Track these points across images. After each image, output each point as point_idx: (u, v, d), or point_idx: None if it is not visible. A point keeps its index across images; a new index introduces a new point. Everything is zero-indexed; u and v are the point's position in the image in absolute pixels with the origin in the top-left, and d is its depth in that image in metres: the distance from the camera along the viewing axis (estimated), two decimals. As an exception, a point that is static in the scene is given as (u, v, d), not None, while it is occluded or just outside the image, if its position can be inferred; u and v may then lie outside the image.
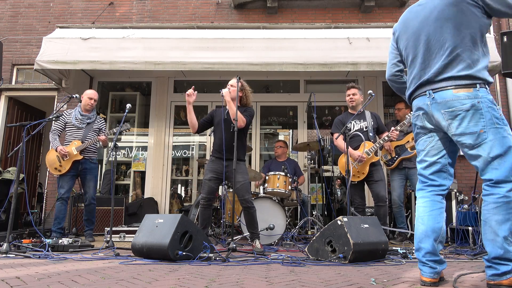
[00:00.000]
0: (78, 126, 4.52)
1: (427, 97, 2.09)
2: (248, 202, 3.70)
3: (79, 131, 4.52)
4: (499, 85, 6.31)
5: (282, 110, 7.50)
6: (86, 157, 4.50)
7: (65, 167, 4.39)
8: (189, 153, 7.46)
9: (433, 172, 2.14)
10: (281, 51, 5.22)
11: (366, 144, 4.22)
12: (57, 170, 4.42)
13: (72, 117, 4.55)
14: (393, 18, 6.61)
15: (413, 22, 2.21)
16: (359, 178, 4.26)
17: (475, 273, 2.41)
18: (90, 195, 4.52)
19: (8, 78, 6.65)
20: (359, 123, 4.38)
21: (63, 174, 4.41)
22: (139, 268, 2.62)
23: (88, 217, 4.55)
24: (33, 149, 7.32)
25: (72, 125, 4.53)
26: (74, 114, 4.56)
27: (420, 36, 2.15)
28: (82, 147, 4.41)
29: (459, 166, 6.17)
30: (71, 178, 4.46)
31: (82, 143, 4.44)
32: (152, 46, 5.35)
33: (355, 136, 4.17)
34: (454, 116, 1.98)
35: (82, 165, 4.48)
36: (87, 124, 4.56)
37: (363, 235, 2.98)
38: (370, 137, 4.33)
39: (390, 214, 5.18)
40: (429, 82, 2.09)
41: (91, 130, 4.55)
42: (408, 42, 2.22)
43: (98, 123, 4.69)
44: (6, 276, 2.29)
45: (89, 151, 4.54)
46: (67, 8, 6.93)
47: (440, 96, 2.03)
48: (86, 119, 4.57)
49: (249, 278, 2.25)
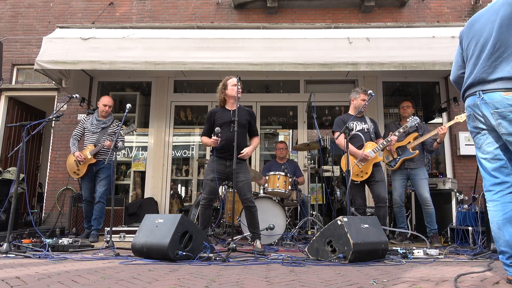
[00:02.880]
0: (93, 131, 4.78)
1: (477, 97, 2.15)
2: (250, 202, 3.71)
3: (94, 135, 4.76)
4: (499, 85, 6.30)
5: (282, 110, 7.49)
6: (100, 159, 4.69)
7: (82, 171, 4.67)
8: (189, 153, 7.46)
9: (495, 168, 2.16)
10: (281, 51, 5.21)
11: (369, 145, 4.23)
12: (76, 174, 4.72)
13: (89, 123, 4.83)
14: (393, 18, 6.62)
15: (477, 24, 2.25)
16: (362, 178, 4.23)
17: (475, 273, 2.41)
18: (99, 193, 4.64)
19: (8, 78, 6.65)
20: (361, 124, 4.38)
21: (82, 177, 4.71)
22: (139, 268, 2.62)
23: (96, 216, 4.62)
24: (33, 149, 7.32)
25: (88, 131, 4.81)
26: (91, 120, 4.85)
27: (480, 38, 2.19)
28: (95, 150, 4.63)
29: (459, 166, 6.17)
30: (89, 181, 4.73)
31: (95, 147, 4.65)
32: (152, 46, 5.34)
33: (356, 136, 4.17)
34: (503, 117, 2.04)
35: (96, 167, 4.70)
36: (102, 129, 4.79)
37: (363, 235, 2.98)
38: (372, 138, 4.35)
39: (390, 214, 5.19)
40: (480, 83, 2.15)
41: (105, 134, 4.77)
42: (469, 43, 2.27)
43: (114, 127, 4.86)
44: (6, 276, 2.29)
45: (103, 154, 4.69)
46: (67, 8, 6.93)
47: (490, 97, 2.09)
48: (101, 124, 4.81)
49: (249, 278, 2.25)
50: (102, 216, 4.72)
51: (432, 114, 6.97)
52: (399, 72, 5.59)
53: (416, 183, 4.54)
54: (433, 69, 5.07)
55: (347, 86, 6.88)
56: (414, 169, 4.55)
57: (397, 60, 5.02)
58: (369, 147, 4.22)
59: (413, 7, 6.67)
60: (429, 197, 4.43)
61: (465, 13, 6.60)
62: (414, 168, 4.55)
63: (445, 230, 4.61)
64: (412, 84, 6.95)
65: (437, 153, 6.62)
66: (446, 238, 4.56)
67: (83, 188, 4.75)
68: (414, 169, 4.55)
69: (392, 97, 6.89)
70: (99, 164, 4.71)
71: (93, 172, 4.73)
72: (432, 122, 6.92)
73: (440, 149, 6.39)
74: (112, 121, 4.91)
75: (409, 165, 4.56)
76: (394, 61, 5.02)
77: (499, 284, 2.12)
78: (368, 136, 4.29)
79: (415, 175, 4.55)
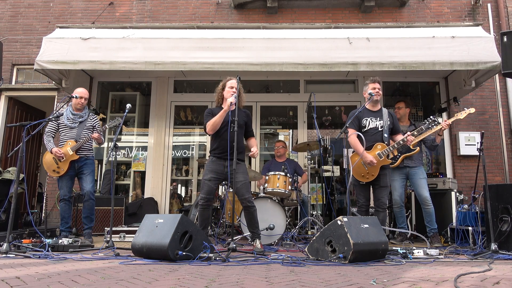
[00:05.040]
0: (70, 126, 4.46)
1: None
2: (248, 202, 3.71)
3: (72, 130, 4.45)
4: (499, 85, 6.31)
5: (282, 110, 7.49)
6: (82, 155, 4.42)
7: (63, 169, 4.36)
8: (189, 153, 7.46)
9: None
10: (281, 51, 5.22)
11: (379, 146, 4.02)
12: (56, 172, 4.39)
13: (64, 117, 4.48)
14: (393, 18, 6.62)
15: None
16: (368, 180, 4.06)
17: (475, 273, 2.41)
18: (89, 191, 4.39)
19: (8, 78, 6.64)
20: (375, 121, 4.10)
21: (62, 175, 4.38)
22: (139, 268, 2.62)
23: (87, 214, 4.40)
24: (33, 149, 7.32)
25: (64, 126, 4.47)
26: (65, 114, 4.49)
27: None
28: (76, 146, 4.35)
29: (459, 166, 6.17)
30: (70, 178, 4.43)
31: (76, 142, 4.37)
32: (152, 46, 5.34)
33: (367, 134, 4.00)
34: None
35: (78, 163, 4.42)
36: (80, 123, 4.49)
37: (363, 235, 2.98)
38: (384, 138, 4.06)
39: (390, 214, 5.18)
40: None
41: (84, 129, 4.47)
42: None
43: (91, 120, 4.58)
44: (6, 276, 2.29)
45: (85, 149, 4.46)
46: (67, 8, 6.93)
47: None
48: (78, 118, 4.49)
49: (249, 278, 2.25)
50: (93, 213, 4.47)
51: (432, 114, 6.96)
52: (399, 72, 5.59)
53: (415, 182, 4.54)
54: (433, 69, 5.07)
55: (347, 86, 6.88)
56: (413, 168, 4.54)
57: (397, 60, 5.02)
58: (378, 149, 4.01)
59: (413, 7, 6.67)
60: (428, 196, 4.43)
61: (465, 13, 6.60)
62: (413, 167, 4.54)
63: (445, 230, 4.61)
64: (412, 84, 6.95)
65: (437, 153, 6.62)
66: (446, 238, 4.56)
67: (62, 186, 4.40)
68: (413, 168, 4.55)
69: (392, 97, 6.89)
70: (81, 160, 4.42)
71: (74, 169, 4.42)
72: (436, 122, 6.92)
73: (440, 149, 6.39)
74: (89, 114, 4.61)
75: (408, 163, 4.55)
76: (394, 61, 5.02)
77: (499, 284, 2.12)
78: (379, 136, 4.06)
79: (413, 175, 4.55)
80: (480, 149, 3.85)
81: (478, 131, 5.57)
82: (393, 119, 4.20)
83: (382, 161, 4.00)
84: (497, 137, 6.21)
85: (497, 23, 6.52)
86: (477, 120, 6.25)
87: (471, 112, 4.28)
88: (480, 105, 6.25)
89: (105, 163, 6.43)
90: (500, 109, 6.23)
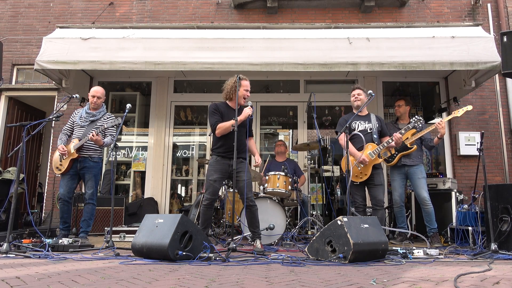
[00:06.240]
0: (81, 125, 4.39)
1: None
2: (250, 201, 3.73)
3: (82, 129, 4.37)
4: (499, 85, 6.31)
5: (282, 110, 7.49)
6: (85, 156, 4.30)
7: (64, 166, 4.26)
8: (189, 153, 7.47)
9: None
10: (281, 51, 5.22)
11: (370, 146, 4.19)
12: (58, 169, 4.31)
13: (78, 116, 4.46)
14: (393, 18, 6.62)
15: None
16: (361, 179, 4.21)
17: (475, 273, 2.41)
18: (88, 195, 4.31)
19: (8, 78, 6.65)
20: (363, 123, 4.34)
21: (63, 173, 4.30)
22: (139, 268, 2.62)
23: (85, 218, 4.30)
24: (33, 149, 7.32)
25: (76, 124, 4.43)
26: (80, 113, 4.47)
27: None
28: (78, 145, 4.23)
29: (459, 166, 6.17)
30: (70, 178, 4.31)
31: (80, 141, 4.28)
32: (152, 46, 5.34)
33: (357, 137, 4.13)
34: None
35: (80, 164, 4.30)
36: (91, 122, 4.39)
37: (363, 235, 2.98)
38: (374, 139, 4.26)
39: (390, 214, 5.18)
40: None
41: (94, 128, 4.29)
42: None
43: (104, 120, 4.43)
44: (6, 276, 2.29)
45: (89, 149, 4.32)
46: (67, 8, 6.93)
47: None
48: (90, 117, 4.41)
49: (249, 278, 2.25)
50: (92, 218, 4.33)
51: (432, 114, 6.97)
52: (399, 72, 5.60)
53: (414, 182, 4.54)
54: (433, 69, 5.07)
55: (347, 86, 6.86)
56: (411, 166, 4.54)
57: (397, 60, 5.02)
58: (369, 149, 4.18)
59: (413, 7, 6.67)
60: (427, 196, 4.43)
61: (465, 13, 6.60)
62: (411, 166, 4.54)
63: (445, 230, 4.61)
64: (412, 84, 6.95)
65: (437, 153, 6.62)
66: (446, 238, 4.56)
67: (62, 185, 4.28)
68: (412, 167, 4.54)
69: (392, 97, 6.89)
70: (83, 161, 4.30)
71: (76, 170, 4.30)
72: (432, 122, 6.91)
73: (440, 149, 6.39)
74: (104, 114, 4.48)
75: (406, 162, 4.55)
76: (394, 61, 5.02)
77: (499, 284, 2.12)
78: (369, 137, 4.23)
79: (412, 174, 4.55)
80: (480, 149, 3.85)
81: (478, 131, 5.56)
82: (381, 122, 4.46)
83: (374, 160, 4.19)
84: (497, 137, 6.21)
85: (497, 23, 6.52)
86: (477, 120, 6.25)
87: (468, 110, 4.29)
88: (480, 105, 6.26)
89: (105, 163, 6.41)
90: (500, 109, 6.23)
